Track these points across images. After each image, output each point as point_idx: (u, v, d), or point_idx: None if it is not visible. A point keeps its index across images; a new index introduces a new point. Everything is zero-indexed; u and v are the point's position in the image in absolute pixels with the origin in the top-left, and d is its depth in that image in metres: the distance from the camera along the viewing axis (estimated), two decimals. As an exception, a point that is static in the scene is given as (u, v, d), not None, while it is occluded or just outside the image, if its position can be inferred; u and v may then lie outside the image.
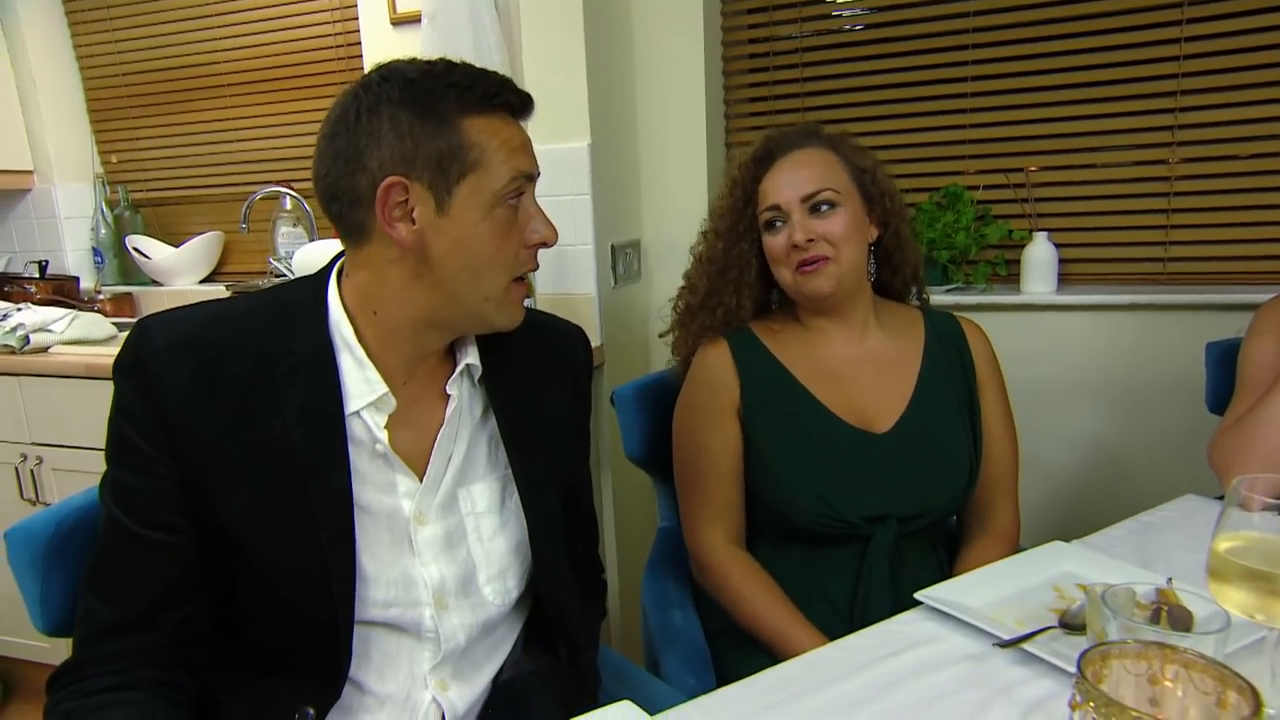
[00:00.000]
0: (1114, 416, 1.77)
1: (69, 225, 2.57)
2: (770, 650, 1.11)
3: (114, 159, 2.63)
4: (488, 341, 0.92)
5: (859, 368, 1.22)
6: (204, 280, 2.55)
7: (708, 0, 1.87)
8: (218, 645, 0.83)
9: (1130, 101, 1.71)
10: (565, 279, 1.81)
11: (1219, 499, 1.15)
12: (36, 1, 2.46)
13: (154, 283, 2.55)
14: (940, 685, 0.78)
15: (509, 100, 0.83)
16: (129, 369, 0.78)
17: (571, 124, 1.73)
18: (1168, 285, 1.74)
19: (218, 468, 0.78)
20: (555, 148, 1.72)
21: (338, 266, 0.87)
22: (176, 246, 2.49)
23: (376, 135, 0.78)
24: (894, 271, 1.29)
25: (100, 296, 2.48)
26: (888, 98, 1.88)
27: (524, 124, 0.86)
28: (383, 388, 0.83)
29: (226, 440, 0.78)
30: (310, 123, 2.34)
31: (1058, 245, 1.77)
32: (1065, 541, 1.04)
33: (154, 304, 2.49)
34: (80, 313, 2.11)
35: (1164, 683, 0.55)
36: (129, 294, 2.52)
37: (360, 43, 2.05)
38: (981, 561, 1.10)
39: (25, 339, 1.97)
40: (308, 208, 2.28)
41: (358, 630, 0.83)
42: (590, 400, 1.06)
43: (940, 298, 1.78)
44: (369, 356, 0.83)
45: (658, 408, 1.36)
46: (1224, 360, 1.39)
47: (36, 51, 2.47)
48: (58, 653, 0.80)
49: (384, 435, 0.84)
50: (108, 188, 2.59)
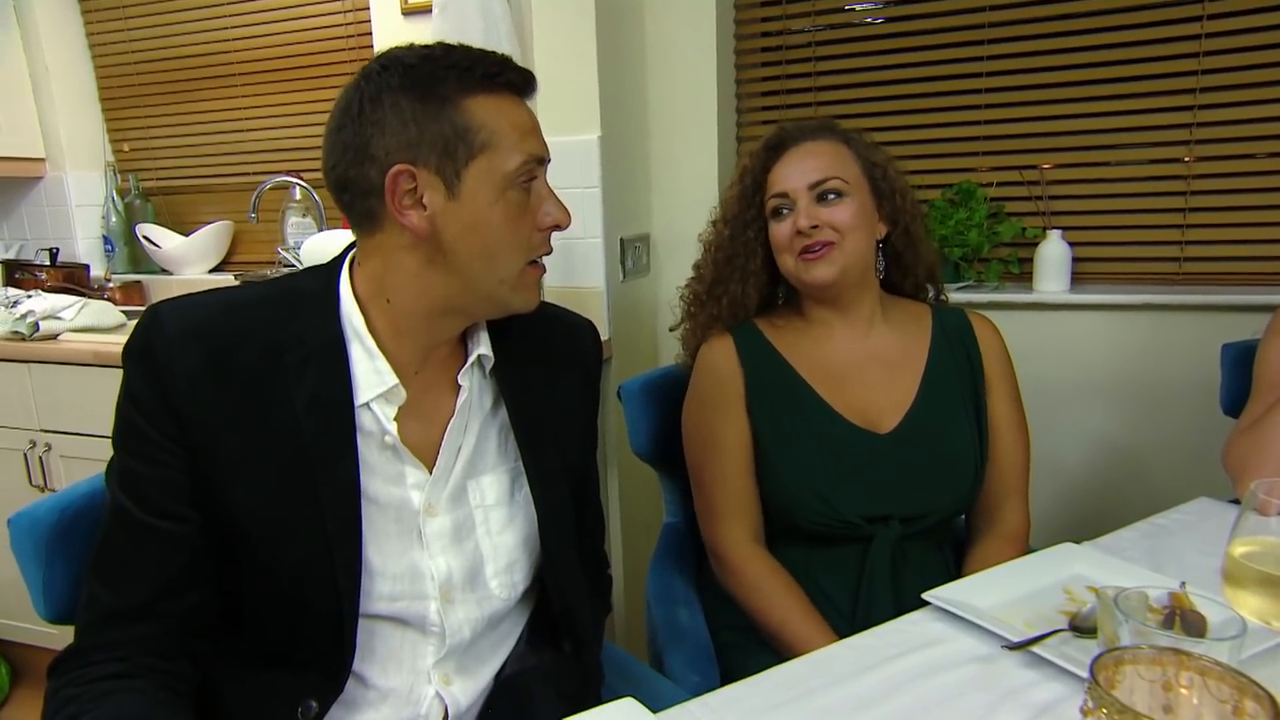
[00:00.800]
0: (1127, 417, 1.76)
1: (80, 213, 2.58)
2: (787, 652, 1.09)
3: (125, 147, 2.63)
4: (499, 333, 0.92)
5: (863, 365, 1.21)
6: (213, 269, 2.56)
7: (721, -8, 1.86)
8: (221, 635, 0.83)
9: (1148, 99, 1.69)
10: (574, 272, 1.80)
11: (1233, 502, 1.14)
12: (50, -10, 2.47)
13: (163, 271, 2.56)
14: (948, 687, 0.77)
15: (510, 79, 0.82)
16: (139, 354, 0.78)
17: (582, 116, 1.72)
18: (1183, 285, 1.72)
19: (225, 457, 0.77)
20: (565, 140, 1.71)
21: (350, 256, 0.87)
22: (186, 235, 2.50)
23: (380, 124, 0.77)
24: (905, 272, 1.27)
25: (110, 284, 2.49)
26: (901, 93, 1.86)
27: (531, 105, 0.85)
28: (393, 379, 0.82)
29: (235, 429, 0.78)
30: (321, 113, 2.32)
31: (1071, 244, 1.75)
32: (1076, 543, 1.03)
33: (163, 292, 2.49)
34: (90, 300, 2.12)
35: (1179, 689, 0.54)
36: (138, 282, 2.53)
37: (371, 33, 2.05)
38: (990, 562, 1.09)
39: (35, 326, 1.97)
40: (317, 198, 2.28)
41: (362, 623, 0.82)
42: (599, 394, 1.05)
43: (952, 295, 1.75)
44: (380, 347, 0.83)
45: (665, 403, 1.35)
46: (1240, 362, 1.38)
47: (50, 40, 2.47)
48: (65, 638, 0.80)
49: (393, 427, 0.83)
50: (119, 176, 2.60)
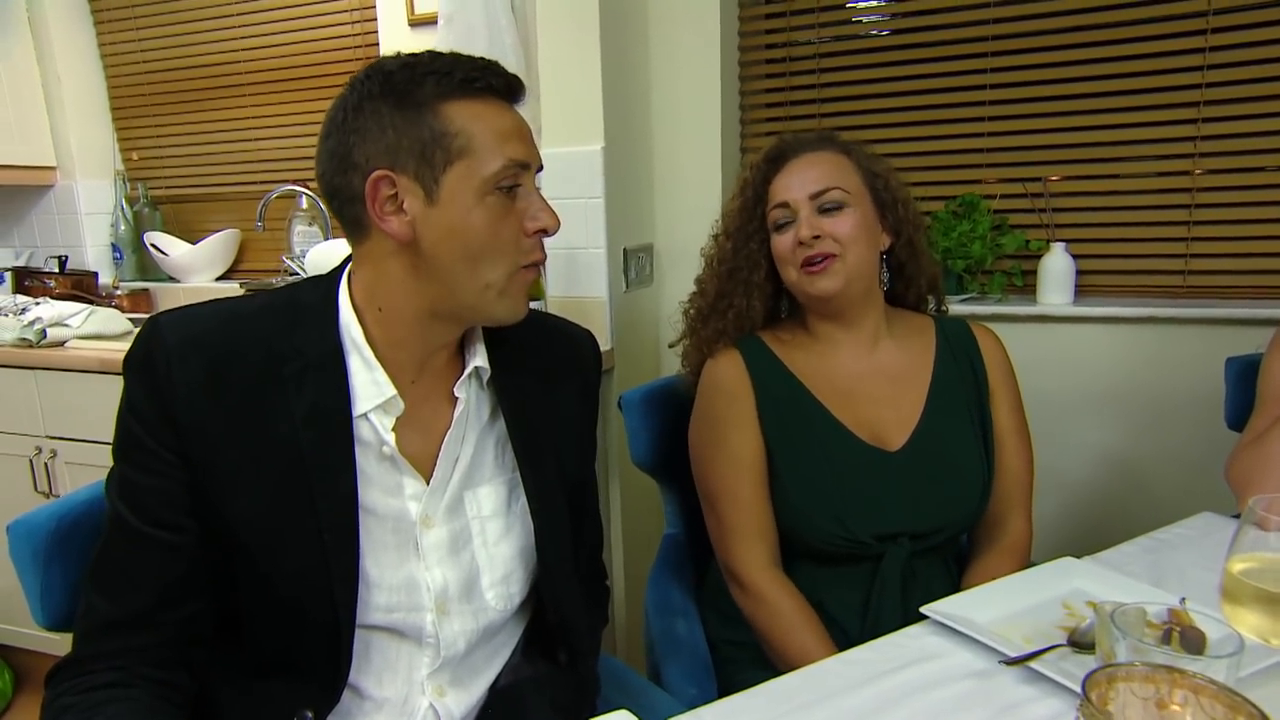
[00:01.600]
0: (1130, 430, 1.75)
1: (89, 221, 2.61)
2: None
3: (135, 156, 2.66)
4: (497, 343, 0.92)
5: (870, 380, 1.19)
6: (220, 277, 2.57)
7: (725, 4, 1.86)
8: (218, 645, 0.83)
9: (1152, 111, 1.69)
10: (577, 282, 1.80)
11: (1236, 517, 1.13)
12: (63, 0, 2.50)
13: (171, 279, 2.58)
14: (944, 702, 0.76)
15: (491, 83, 0.81)
16: (139, 365, 0.78)
17: (586, 127, 1.73)
18: (1188, 298, 1.72)
19: (224, 468, 0.78)
20: (569, 150, 1.72)
21: (349, 266, 0.87)
22: (194, 244, 2.52)
23: (362, 132, 0.78)
24: (908, 284, 1.27)
25: (118, 292, 2.51)
26: (905, 105, 1.87)
27: (520, 110, 0.85)
28: (391, 390, 0.83)
29: (233, 440, 0.78)
30: (328, 123, 2.36)
31: (1075, 256, 1.74)
32: (1077, 557, 1.02)
33: (170, 300, 2.51)
34: (97, 308, 2.13)
35: (1172, 707, 0.54)
36: (146, 290, 2.55)
37: (378, 44, 2.06)
38: (990, 575, 1.08)
39: (42, 333, 1.98)
40: (323, 207, 2.30)
41: (358, 634, 0.82)
42: (598, 405, 1.05)
43: (955, 307, 1.75)
44: (377, 357, 0.83)
45: (666, 413, 1.35)
46: (1244, 376, 1.37)
47: (62, 49, 2.50)
48: (68, 645, 0.80)
49: (391, 438, 0.83)
50: (128, 184, 2.62)
